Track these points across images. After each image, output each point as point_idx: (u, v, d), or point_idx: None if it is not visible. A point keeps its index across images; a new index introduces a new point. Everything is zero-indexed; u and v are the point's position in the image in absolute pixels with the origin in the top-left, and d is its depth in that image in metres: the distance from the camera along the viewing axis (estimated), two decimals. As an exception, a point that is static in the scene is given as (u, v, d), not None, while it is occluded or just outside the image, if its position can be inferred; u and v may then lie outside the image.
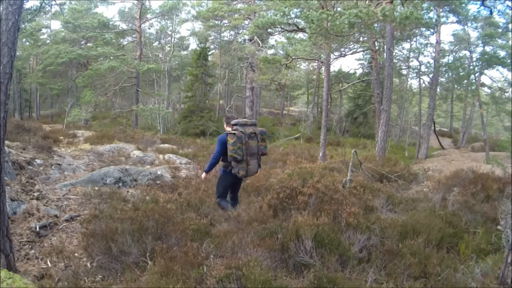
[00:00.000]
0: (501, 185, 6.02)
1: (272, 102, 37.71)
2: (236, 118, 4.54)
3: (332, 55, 16.88)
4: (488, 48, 19.92)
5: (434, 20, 15.02)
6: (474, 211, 4.82)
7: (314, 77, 30.48)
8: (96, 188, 5.82)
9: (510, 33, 17.82)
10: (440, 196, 5.69)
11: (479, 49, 21.21)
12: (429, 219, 4.29)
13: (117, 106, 28.58)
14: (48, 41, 26.55)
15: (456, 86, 24.22)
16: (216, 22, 23.41)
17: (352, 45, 18.64)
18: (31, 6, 16.07)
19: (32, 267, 3.48)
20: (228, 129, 4.50)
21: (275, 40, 26.68)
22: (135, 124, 21.71)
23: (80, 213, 4.89)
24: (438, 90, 22.33)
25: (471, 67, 19.28)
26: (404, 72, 24.84)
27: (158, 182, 6.69)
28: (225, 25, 24.32)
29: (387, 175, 7.45)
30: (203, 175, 4.88)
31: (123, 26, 27.05)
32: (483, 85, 22.03)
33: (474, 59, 20.00)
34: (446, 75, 22.58)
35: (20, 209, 4.48)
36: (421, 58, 31.23)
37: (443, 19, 17.89)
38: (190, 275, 2.96)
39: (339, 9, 12.21)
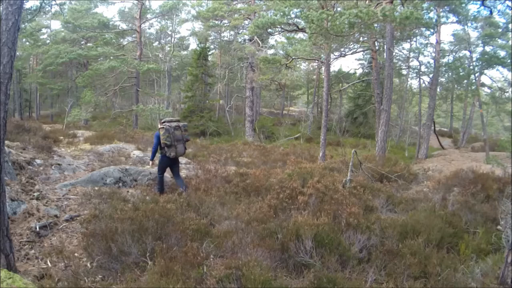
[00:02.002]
0: (501, 185, 6.02)
1: (272, 102, 37.69)
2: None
3: (332, 55, 16.88)
4: (488, 48, 19.94)
5: (434, 20, 15.03)
6: (474, 211, 4.82)
7: (314, 77, 30.47)
8: (96, 188, 5.82)
9: (510, 33, 17.80)
10: (440, 196, 5.70)
11: (479, 49, 21.24)
12: (429, 219, 4.28)
13: (117, 106, 28.57)
14: (48, 41, 26.52)
15: (456, 86, 24.21)
16: (216, 22, 23.39)
17: (352, 45, 18.64)
18: (31, 6, 16.07)
19: (32, 267, 3.48)
20: (160, 126, 6.18)
21: (275, 40, 26.70)
22: (135, 124, 21.70)
23: (80, 213, 4.89)
24: (438, 90, 22.31)
25: (471, 67, 19.27)
26: (404, 72, 24.84)
27: (158, 182, 6.67)
28: (225, 25, 24.29)
29: (387, 175, 7.45)
30: (150, 163, 6.63)
31: (123, 26, 27.03)
32: (483, 85, 22.02)
33: (474, 59, 20.01)
34: (446, 75, 22.57)
35: (20, 209, 4.48)
36: (421, 58, 31.19)
37: (443, 19, 17.88)
38: (190, 275, 2.96)
39: (339, 9, 12.22)
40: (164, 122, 6.22)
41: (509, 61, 16.99)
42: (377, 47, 16.89)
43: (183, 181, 6.28)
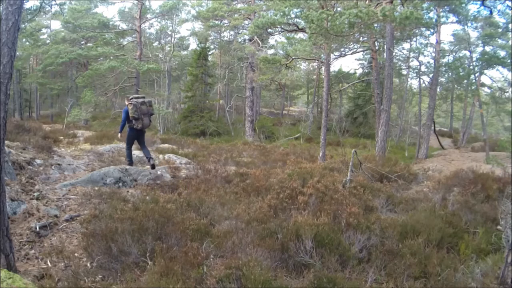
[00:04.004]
0: (501, 185, 6.02)
1: (272, 102, 37.69)
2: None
3: (332, 55, 16.88)
4: (488, 48, 19.95)
5: (434, 20, 15.02)
6: (474, 211, 4.82)
7: (314, 77, 30.47)
8: (96, 188, 5.81)
9: (510, 33, 17.81)
10: (440, 196, 5.69)
11: (479, 49, 21.25)
12: (429, 219, 4.28)
13: (117, 106, 28.55)
14: (48, 41, 26.53)
15: (456, 86, 24.21)
16: (216, 22, 23.39)
17: (352, 45, 18.63)
18: (31, 6, 16.06)
19: (32, 267, 3.48)
20: (128, 102, 6.95)
21: (275, 40, 26.71)
22: (135, 124, 21.68)
23: (80, 213, 4.89)
24: (438, 90, 22.32)
25: (471, 67, 19.27)
26: (404, 72, 24.84)
27: (158, 182, 6.68)
28: (225, 25, 24.30)
29: (387, 175, 7.45)
30: (119, 135, 7.76)
31: (123, 26, 27.00)
32: (483, 85, 22.03)
33: (474, 59, 20.01)
34: (446, 75, 22.57)
35: (20, 209, 4.48)
36: (421, 58, 31.10)
37: (443, 19, 17.87)
38: (190, 275, 2.96)
39: (339, 9, 12.22)
40: (131, 98, 7.03)
41: (509, 61, 16.99)
42: (377, 47, 16.89)
43: (149, 151, 7.35)
